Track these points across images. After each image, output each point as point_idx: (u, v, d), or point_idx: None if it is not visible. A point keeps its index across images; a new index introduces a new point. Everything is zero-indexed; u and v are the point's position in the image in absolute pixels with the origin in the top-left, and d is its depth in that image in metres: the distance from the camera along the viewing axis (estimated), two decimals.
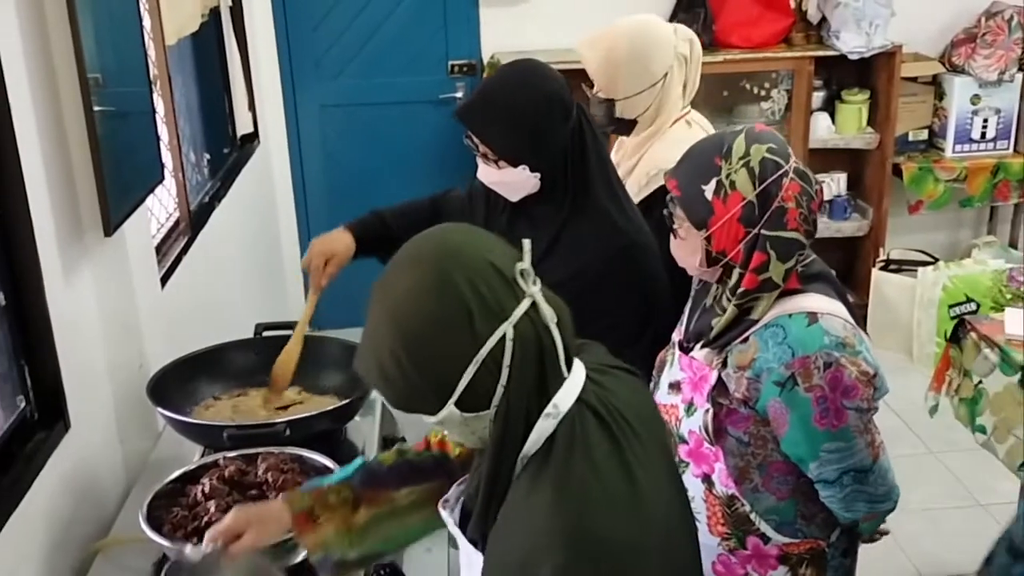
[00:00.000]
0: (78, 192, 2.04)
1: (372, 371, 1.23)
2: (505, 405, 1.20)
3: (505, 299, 1.19)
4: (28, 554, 1.76)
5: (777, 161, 1.65)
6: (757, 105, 4.54)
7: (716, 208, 1.65)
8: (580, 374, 1.26)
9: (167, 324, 2.51)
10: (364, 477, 1.51)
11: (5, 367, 1.83)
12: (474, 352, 1.17)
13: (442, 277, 1.18)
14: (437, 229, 1.27)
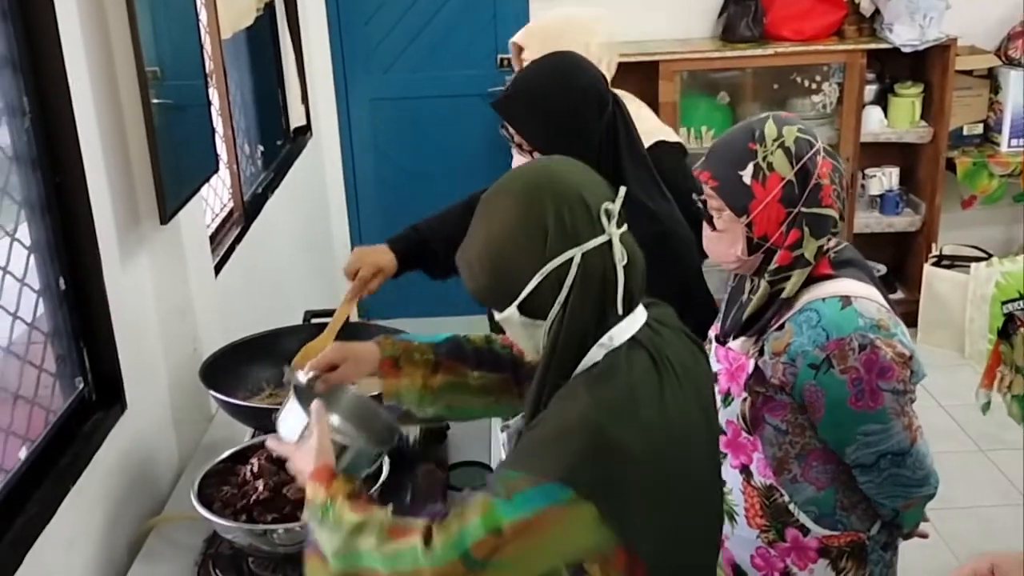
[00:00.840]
0: (135, 182, 2.11)
1: (463, 266, 1.41)
2: (559, 321, 1.33)
3: (583, 228, 1.33)
4: (86, 529, 1.84)
5: (809, 140, 1.69)
6: (808, 99, 4.51)
7: (756, 192, 1.67)
8: (640, 318, 1.39)
9: (220, 310, 2.58)
10: (449, 348, 1.68)
11: (65, 349, 1.90)
12: (540, 265, 1.32)
13: (532, 195, 1.35)
14: (547, 158, 1.46)
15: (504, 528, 1.23)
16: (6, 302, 1.72)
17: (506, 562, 1.24)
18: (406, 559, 1.26)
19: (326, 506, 1.34)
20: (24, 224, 1.80)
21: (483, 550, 1.23)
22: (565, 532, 1.25)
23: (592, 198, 1.35)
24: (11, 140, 1.74)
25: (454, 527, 1.25)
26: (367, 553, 1.29)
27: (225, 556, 1.71)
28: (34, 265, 1.82)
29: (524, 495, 1.23)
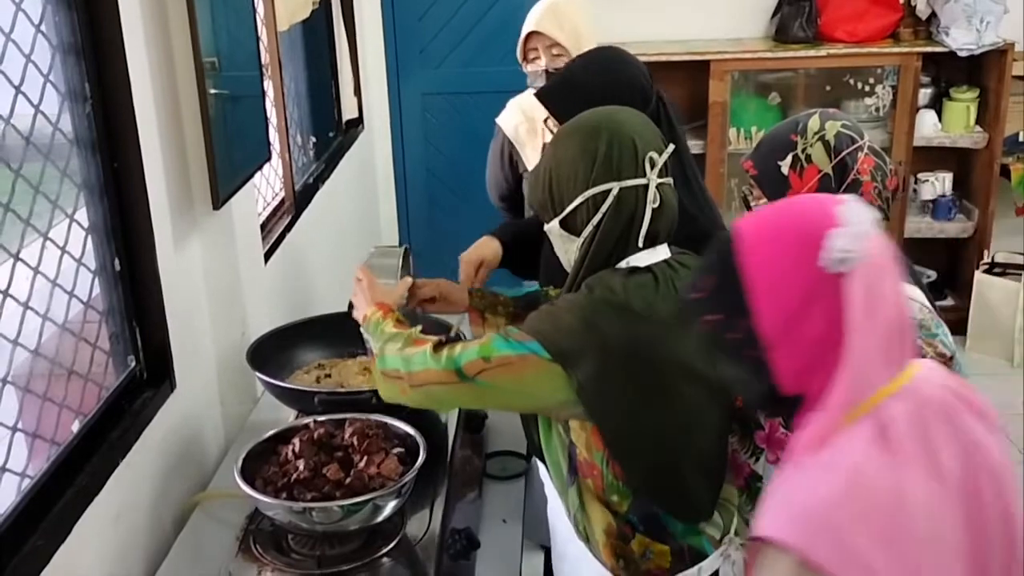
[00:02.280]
0: (190, 168, 2.17)
1: (531, 182, 1.74)
2: (590, 240, 1.60)
3: (627, 167, 1.58)
4: (134, 502, 1.90)
5: (852, 136, 1.70)
6: (861, 101, 4.47)
7: (793, 182, 1.69)
8: (661, 255, 1.63)
9: (268, 296, 2.63)
10: (527, 301, 1.94)
11: (118, 328, 1.97)
12: (584, 189, 1.59)
13: (593, 131, 1.61)
14: (617, 108, 1.69)
15: (492, 357, 1.55)
16: (63, 281, 1.78)
17: (487, 383, 1.55)
18: (416, 361, 1.61)
19: (377, 322, 1.76)
20: (83, 206, 1.86)
21: (473, 369, 1.56)
22: (537, 379, 1.53)
23: (642, 144, 1.59)
24: (72, 124, 1.81)
25: (458, 348, 1.59)
26: (392, 357, 1.66)
27: (266, 532, 1.76)
28: (91, 246, 1.89)
29: (515, 342, 1.54)
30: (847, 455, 1.10)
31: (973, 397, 1.21)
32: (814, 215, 1.15)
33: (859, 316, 1.11)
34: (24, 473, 1.63)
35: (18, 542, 1.53)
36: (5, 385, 1.59)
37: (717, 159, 4.35)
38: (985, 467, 1.15)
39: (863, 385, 1.13)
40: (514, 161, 2.78)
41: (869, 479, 1.08)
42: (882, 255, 1.15)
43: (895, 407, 1.13)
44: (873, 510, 1.06)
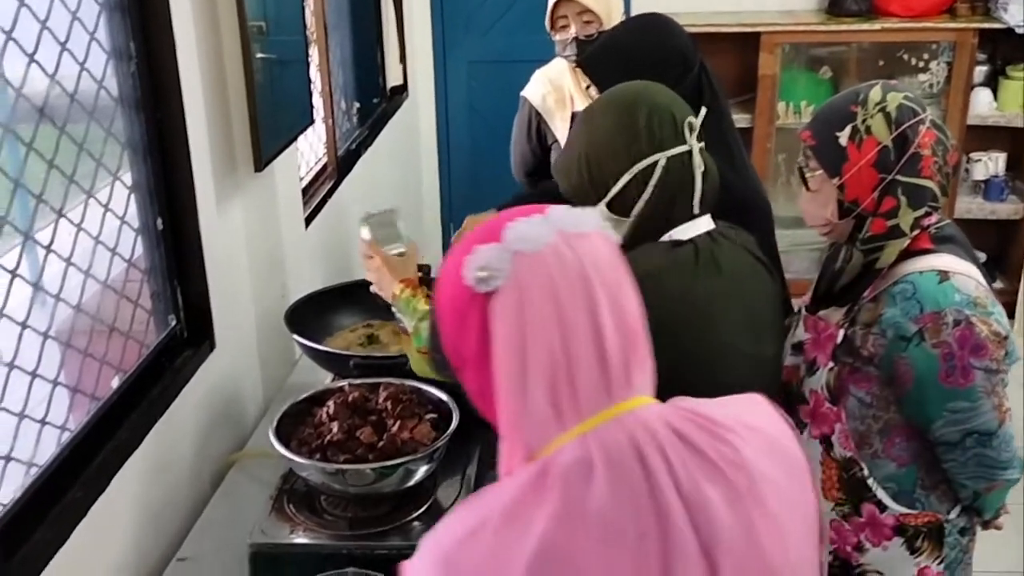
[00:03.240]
0: (233, 129, 2.18)
1: (562, 169, 1.63)
2: (639, 217, 1.54)
3: (669, 137, 1.55)
4: (172, 459, 1.93)
5: (914, 108, 1.65)
6: (915, 77, 4.37)
7: (851, 154, 1.65)
8: (703, 226, 1.58)
9: (308, 260, 2.65)
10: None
11: (160, 287, 1.99)
12: (630, 165, 1.54)
13: (629, 106, 1.57)
14: (640, 82, 1.64)
15: None
16: (107, 239, 1.81)
17: None
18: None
19: (408, 299, 1.76)
20: (127, 165, 1.88)
21: None
22: None
23: (679, 113, 1.57)
24: (117, 83, 1.82)
25: None
26: (426, 336, 1.61)
27: (299, 492, 1.78)
28: (134, 205, 1.91)
29: None
30: (488, 500, 0.98)
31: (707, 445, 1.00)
32: (484, 231, 1.04)
33: (502, 342, 0.99)
34: (64, 426, 1.66)
35: (58, 494, 1.56)
36: (47, 340, 1.61)
37: (765, 134, 4.29)
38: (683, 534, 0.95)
39: (529, 420, 0.99)
40: (542, 132, 2.76)
41: (486, 536, 0.94)
42: (546, 277, 0.99)
43: (572, 452, 0.96)
44: (493, 558, 0.93)
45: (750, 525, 0.97)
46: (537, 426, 0.98)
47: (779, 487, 1.01)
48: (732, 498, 0.97)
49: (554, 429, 0.98)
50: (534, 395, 0.98)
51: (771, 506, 0.99)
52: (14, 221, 1.52)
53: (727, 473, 0.98)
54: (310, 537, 1.68)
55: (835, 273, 1.77)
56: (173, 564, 1.81)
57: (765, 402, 1.11)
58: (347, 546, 1.66)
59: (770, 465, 1.02)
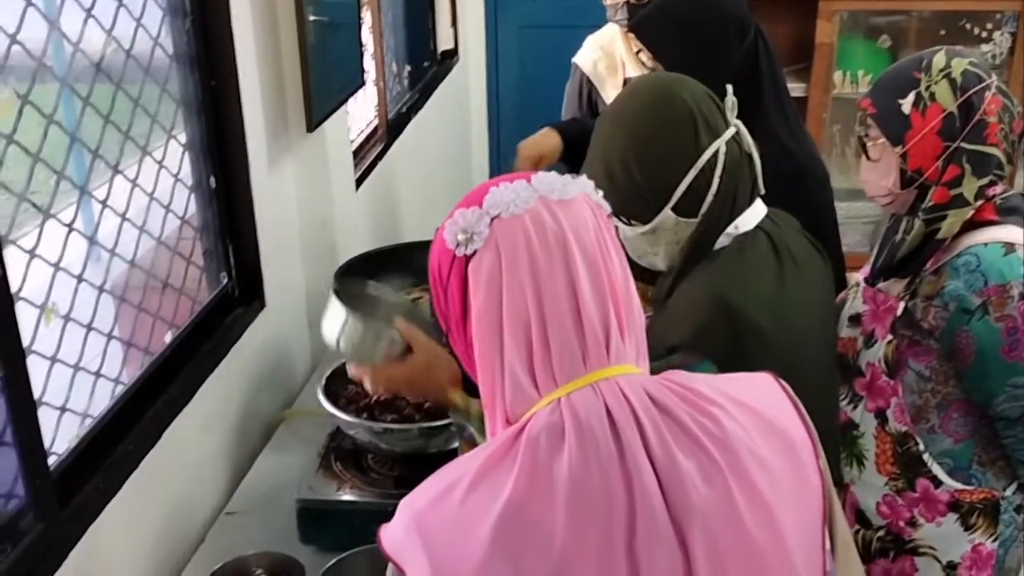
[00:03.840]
0: (286, 89, 2.18)
1: (600, 177, 1.33)
2: (708, 214, 1.39)
3: (718, 120, 1.40)
4: (222, 414, 1.96)
5: (979, 74, 1.60)
6: (977, 47, 4.25)
7: (914, 121, 1.61)
8: (762, 210, 1.47)
9: (358, 222, 2.66)
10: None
11: (212, 245, 2.01)
12: (696, 157, 1.37)
13: (671, 92, 1.41)
14: (656, 75, 1.51)
15: None
16: (161, 196, 1.82)
17: None
18: None
19: (469, 404, 1.40)
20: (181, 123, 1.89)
21: None
22: None
23: (712, 94, 1.43)
24: (172, 40, 1.83)
25: None
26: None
27: (346, 451, 1.79)
28: (188, 163, 1.92)
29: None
30: (463, 463, 0.97)
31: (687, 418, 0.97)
32: (469, 196, 1.04)
33: (479, 306, 0.99)
34: (118, 380, 1.68)
35: (110, 445, 1.59)
36: (102, 294, 1.63)
37: (820, 103, 4.20)
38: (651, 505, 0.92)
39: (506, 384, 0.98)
40: (593, 100, 2.73)
41: (455, 498, 0.94)
42: (524, 242, 0.98)
43: (544, 419, 0.95)
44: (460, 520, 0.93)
45: (730, 502, 0.95)
46: (514, 391, 0.98)
47: (771, 468, 0.98)
48: (711, 472, 0.95)
49: (530, 394, 0.98)
50: (510, 359, 0.98)
51: (759, 486, 0.96)
52: (71, 176, 1.54)
53: (707, 446, 0.96)
54: (356, 495, 1.70)
55: (895, 244, 1.73)
56: (222, 518, 1.83)
57: (772, 381, 1.08)
58: (392, 504, 1.64)
59: (762, 444, 0.99)
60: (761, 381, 1.08)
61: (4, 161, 1.34)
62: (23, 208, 1.40)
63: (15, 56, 1.38)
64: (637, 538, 0.92)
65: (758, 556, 0.95)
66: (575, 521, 0.92)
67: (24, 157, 1.40)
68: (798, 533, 0.99)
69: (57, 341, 1.51)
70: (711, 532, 0.94)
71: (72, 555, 1.42)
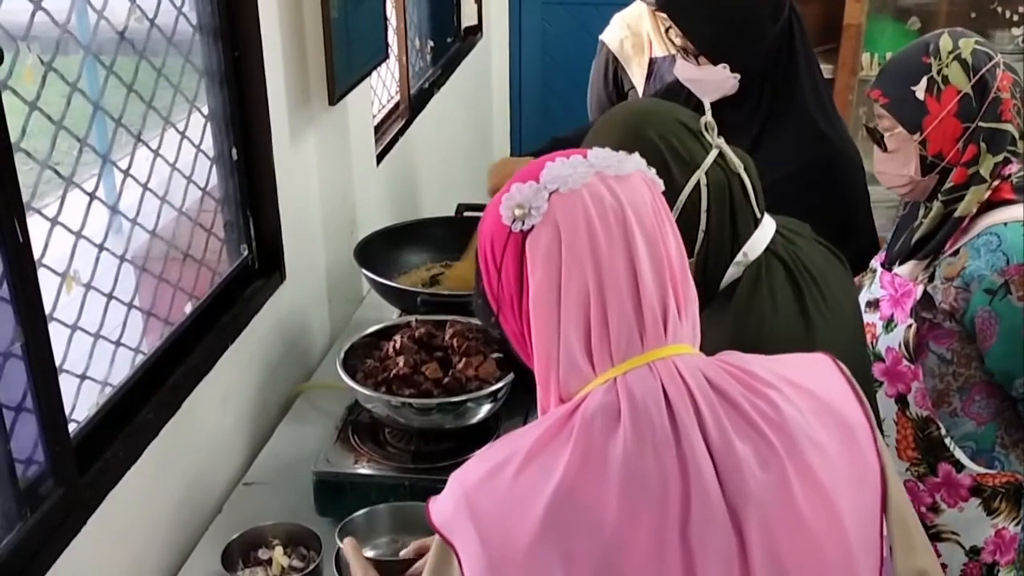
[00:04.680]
0: (308, 62, 2.18)
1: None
2: (705, 251, 1.30)
3: (695, 150, 1.29)
4: (239, 386, 1.96)
5: (988, 52, 1.61)
6: (1008, 31, 4.19)
7: (930, 106, 1.60)
8: (771, 227, 1.35)
9: (379, 197, 2.66)
10: None
11: (233, 216, 2.01)
12: (673, 200, 1.25)
13: (636, 133, 1.28)
14: (627, 104, 1.38)
15: None
16: (183, 167, 1.82)
17: None
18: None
19: None
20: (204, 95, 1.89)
21: None
22: None
23: (686, 118, 1.32)
24: (196, 10, 1.82)
25: None
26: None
27: (364, 424, 1.80)
28: (210, 134, 1.92)
29: None
30: (515, 441, 0.96)
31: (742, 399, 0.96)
32: (525, 171, 1.02)
33: (537, 282, 0.97)
34: (138, 349, 1.69)
35: (130, 414, 1.60)
36: (123, 263, 1.64)
37: (847, 85, 4.16)
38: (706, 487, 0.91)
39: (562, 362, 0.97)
40: (619, 79, 2.70)
41: (507, 475, 0.93)
42: (583, 218, 0.97)
43: (599, 398, 0.94)
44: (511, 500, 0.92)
45: (786, 488, 0.94)
46: (569, 369, 0.97)
47: (827, 452, 0.97)
48: (767, 457, 0.94)
49: (586, 372, 0.96)
50: (567, 337, 0.97)
51: (815, 471, 0.95)
52: (93, 145, 1.54)
53: (764, 430, 0.95)
54: (373, 468, 1.70)
55: (913, 228, 1.71)
56: (239, 488, 1.85)
57: (829, 362, 1.07)
58: (409, 479, 1.68)
59: (819, 428, 0.98)
60: (818, 363, 1.07)
61: (27, 129, 1.34)
62: (46, 177, 1.41)
63: (39, 24, 1.38)
64: (691, 524, 0.91)
65: (814, 542, 0.94)
66: (628, 505, 0.91)
67: (47, 126, 1.41)
68: (855, 518, 0.97)
69: (78, 309, 1.52)
70: (767, 518, 0.92)
71: (91, 521, 1.43)
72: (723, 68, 1.86)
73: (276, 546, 1.63)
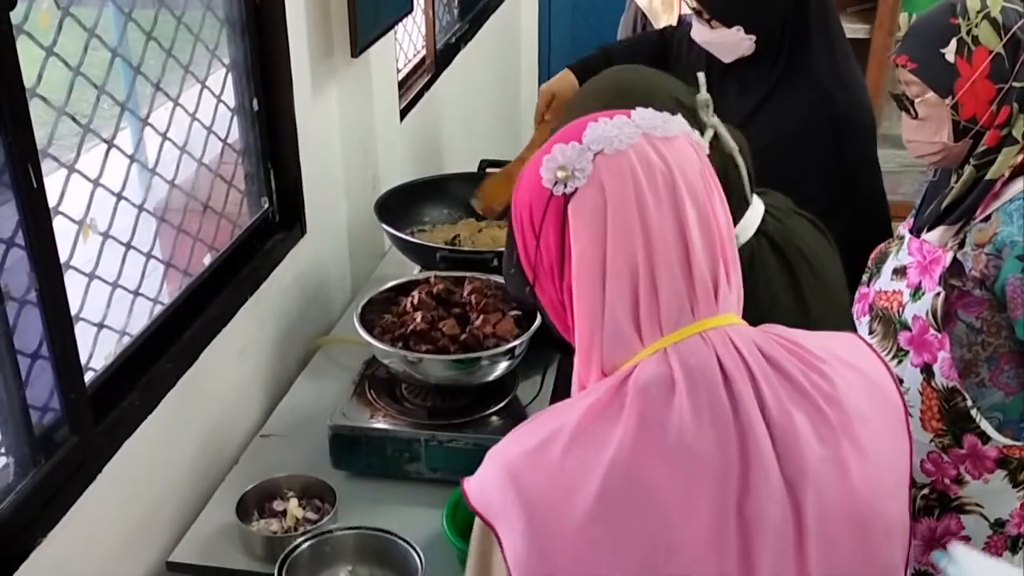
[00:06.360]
0: (331, 12, 2.15)
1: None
2: None
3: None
4: (258, 339, 1.96)
5: (1017, 9, 1.56)
6: None
7: (961, 69, 1.55)
8: (759, 207, 1.32)
9: (401, 152, 2.63)
10: None
11: (254, 168, 2.00)
12: None
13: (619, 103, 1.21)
14: (613, 71, 1.32)
15: None
16: (203, 117, 1.81)
17: None
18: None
19: None
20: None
21: None
22: None
23: (682, 94, 1.26)
24: None
25: None
26: None
27: (381, 379, 1.79)
28: (231, 84, 1.90)
29: None
30: (562, 414, 0.92)
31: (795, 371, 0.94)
32: (567, 131, 0.97)
33: (581, 247, 0.92)
34: (157, 299, 1.69)
35: (148, 364, 1.60)
36: (141, 213, 1.63)
37: (883, 46, 4.07)
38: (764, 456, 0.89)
39: (607, 332, 0.93)
40: None
41: (557, 450, 0.89)
42: (631, 180, 0.92)
43: (651, 368, 0.91)
44: (562, 477, 0.88)
45: (842, 463, 0.91)
46: (615, 339, 0.93)
47: (874, 430, 0.95)
48: (824, 432, 0.92)
49: (633, 343, 0.92)
50: (613, 305, 0.92)
51: (866, 446, 0.93)
52: (112, 93, 1.53)
53: (820, 404, 0.92)
54: (389, 423, 1.70)
55: (944, 195, 1.67)
56: (256, 440, 1.85)
57: (860, 343, 1.04)
58: (424, 435, 1.68)
59: (867, 405, 0.95)
60: (855, 341, 1.04)
61: (43, 75, 1.33)
62: (63, 124, 1.40)
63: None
64: (750, 498, 0.89)
65: (863, 518, 0.93)
66: (685, 479, 0.88)
67: (67, 75, 1.39)
68: (895, 493, 0.96)
69: (96, 258, 1.51)
70: (822, 493, 0.90)
71: (106, 469, 1.44)
72: (737, 30, 1.84)
73: (291, 498, 1.64)
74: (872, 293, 1.77)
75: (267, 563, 1.53)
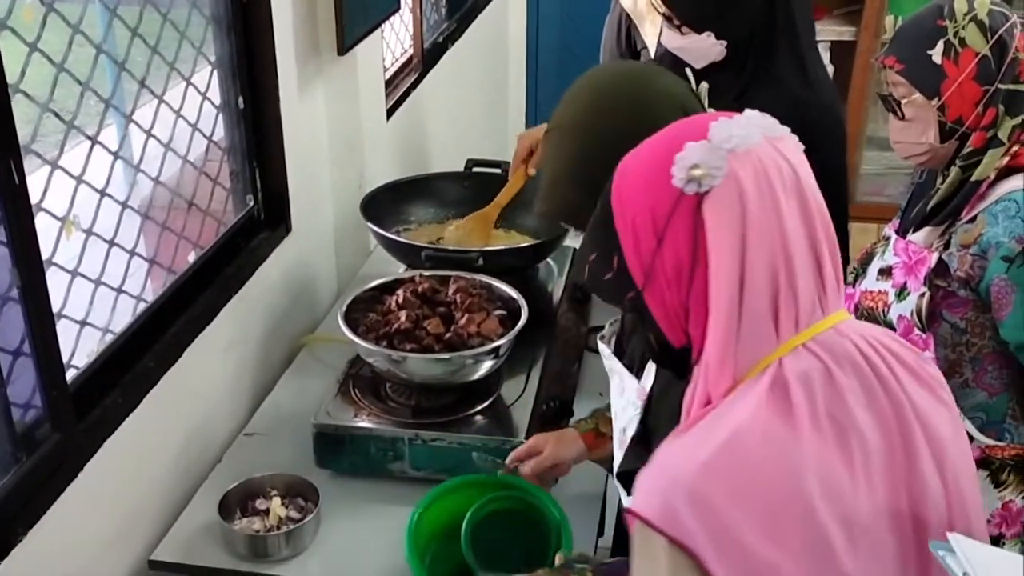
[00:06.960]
0: (318, 10, 2.14)
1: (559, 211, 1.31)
2: None
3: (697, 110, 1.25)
4: (243, 336, 1.96)
5: (1004, 12, 1.58)
6: None
7: (948, 70, 1.56)
8: None
9: (388, 151, 2.63)
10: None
11: (239, 166, 1.99)
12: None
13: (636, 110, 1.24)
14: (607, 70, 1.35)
15: None
16: (188, 115, 1.80)
17: None
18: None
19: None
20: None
21: None
22: None
23: (674, 85, 1.27)
24: None
25: None
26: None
27: (365, 378, 1.79)
28: (216, 82, 1.90)
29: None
30: (730, 418, 0.91)
31: (910, 358, 1.00)
32: (682, 129, 0.97)
33: (719, 247, 0.92)
34: (140, 297, 1.68)
35: (130, 362, 1.60)
36: (125, 210, 1.63)
37: (868, 48, 4.09)
38: (917, 434, 0.95)
39: (744, 333, 0.92)
40: (631, 37, 2.66)
41: (752, 448, 0.89)
42: (764, 178, 0.93)
43: (800, 362, 0.93)
44: (754, 484, 0.88)
45: (964, 448, 0.99)
46: (755, 336, 0.93)
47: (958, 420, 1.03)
48: (945, 415, 0.99)
49: (771, 340, 0.93)
50: (752, 304, 0.92)
51: (965, 437, 1.01)
52: (96, 90, 1.52)
53: (939, 392, 0.99)
54: (373, 422, 1.70)
55: (930, 196, 1.68)
56: (240, 439, 1.85)
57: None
58: (408, 434, 1.68)
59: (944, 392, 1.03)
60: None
61: (27, 71, 1.32)
62: (48, 122, 1.39)
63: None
64: (915, 485, 0.95)
65: (976, 496, 1.00)
66: (862, 462, 0.92)
67: (50, 69, 1.39)
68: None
69: (78, 255, 1.51)
70: (957, 474, 0.97)
71: (88, 467, 1.44)
72: (708, 36, 1.84)
73: (274, 496, 1.64)
74: (857, 293, 1.78)
75: (249, 562, 1.53)
